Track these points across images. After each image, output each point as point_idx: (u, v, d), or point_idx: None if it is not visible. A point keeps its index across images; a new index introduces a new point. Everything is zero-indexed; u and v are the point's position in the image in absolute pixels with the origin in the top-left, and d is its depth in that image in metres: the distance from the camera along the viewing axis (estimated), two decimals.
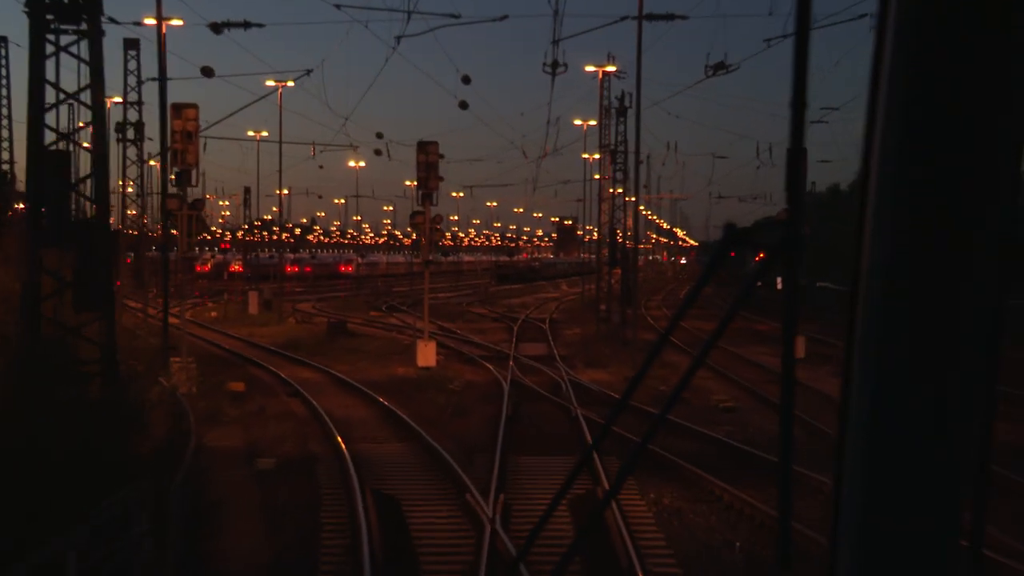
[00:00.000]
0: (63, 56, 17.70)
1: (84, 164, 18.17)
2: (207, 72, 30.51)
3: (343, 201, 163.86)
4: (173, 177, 28.74)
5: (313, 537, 14.49)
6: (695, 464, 18.30)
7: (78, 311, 17.43)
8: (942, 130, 1.51)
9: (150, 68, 31.32)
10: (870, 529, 1.58)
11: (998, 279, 1.52)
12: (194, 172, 28.45)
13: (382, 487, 17.08)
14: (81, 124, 18.42)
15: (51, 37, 17.10)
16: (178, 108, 28.15)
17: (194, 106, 28.15)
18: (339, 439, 20.56)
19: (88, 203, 17.63)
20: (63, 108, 18.08)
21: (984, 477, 1.57)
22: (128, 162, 40.07)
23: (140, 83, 38.79)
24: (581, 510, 15.86)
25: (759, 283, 1.70)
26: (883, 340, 1.55)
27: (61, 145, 17.57)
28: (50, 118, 17.81)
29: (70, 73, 17.80)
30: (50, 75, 17.76)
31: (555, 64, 33.55)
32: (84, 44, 17.32)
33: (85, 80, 17.92)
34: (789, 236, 1.53)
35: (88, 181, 17.78)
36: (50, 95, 17.84)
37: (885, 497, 1.57)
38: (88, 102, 17.50)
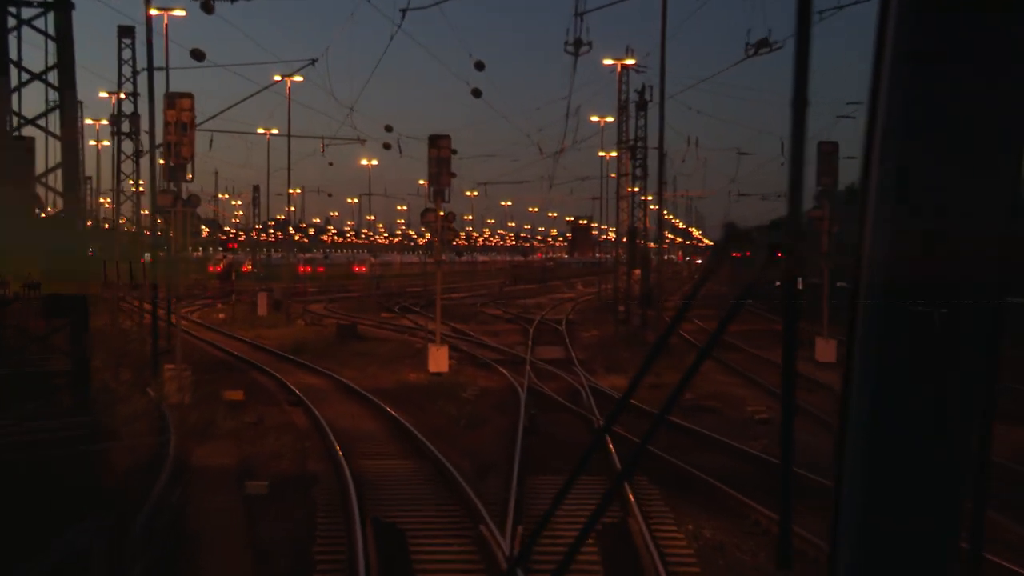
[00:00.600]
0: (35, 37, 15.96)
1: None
2: (197, 55, 28.74)
3: (356, 200, 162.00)
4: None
5: None
6: (735, 487, 16.40)
7: (46, 317, 15.65)
8: (942, 130, 1.49)
9: (144, 58, 29.67)
10: (870, 529, 1.60)
11: (998, 279, 1.51)
12: (189, 166, 26.67)
13: (385, 515, 15.20)
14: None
15: (13, 9, 15.28)
16: (172, 98, 26.40)
17: (189, 95, 26.40)
18: (341, 456, 18.76)
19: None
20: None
21: (984, 477, 1.56)
22: (124, 156, 38.34)
23: (135, 73, 37.02)
24: (604, 534, 14.08)
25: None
26: (883, 340, 1.55)
27: (26, 131, 15.72)
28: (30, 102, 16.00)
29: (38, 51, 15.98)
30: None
31: (578, 43, 31.59)
32: (51, 17, 15.51)
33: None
34: (789, 236, 1.54)
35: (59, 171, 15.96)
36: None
37: (885, 497, 1.58)
38: (55, 83, 15.64)
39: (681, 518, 15.12)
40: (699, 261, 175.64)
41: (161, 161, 29.16)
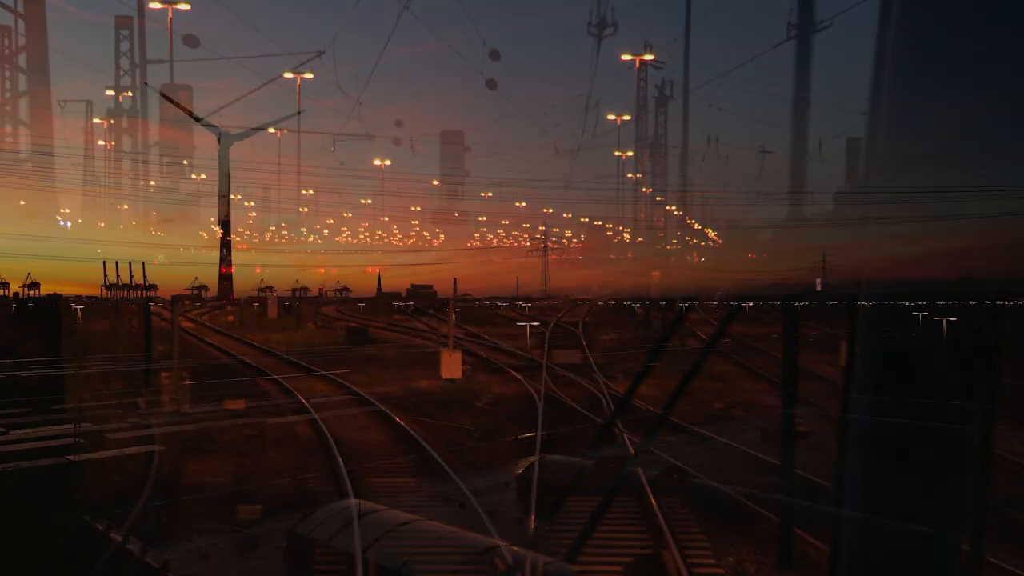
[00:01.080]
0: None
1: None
2: (191, 41, 27.41)
3: (369, 201, 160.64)
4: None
5: None
6: (776, 511, 14.87)
7: (16, 323, 14.29)
8: (942, 134, 1.62)
9: (148, 49, 28.18)
10: (870, 529, 1.58)
11: (999, 280, 1.62)
12: (188, 162, 25.30)
13: (388, 546, 13.70)
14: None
15: None
16: (169, 91, 24.99)
17: (187, 88, 25.04)
18: (344, 474, 17.33)
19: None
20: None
21: (984, 477, 1.90)
22: (123, 153, 37.04)
23: (134, 66, 35.70)
24: (636, 568, 12.70)
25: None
26: (883, 340, 1.60)
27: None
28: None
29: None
30: None
31: (602, 24, 30.01)
32: None
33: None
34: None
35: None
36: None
37: (885, 497, 1.54)
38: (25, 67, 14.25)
39: (721, 550, 13.61)
40: None
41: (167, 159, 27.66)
